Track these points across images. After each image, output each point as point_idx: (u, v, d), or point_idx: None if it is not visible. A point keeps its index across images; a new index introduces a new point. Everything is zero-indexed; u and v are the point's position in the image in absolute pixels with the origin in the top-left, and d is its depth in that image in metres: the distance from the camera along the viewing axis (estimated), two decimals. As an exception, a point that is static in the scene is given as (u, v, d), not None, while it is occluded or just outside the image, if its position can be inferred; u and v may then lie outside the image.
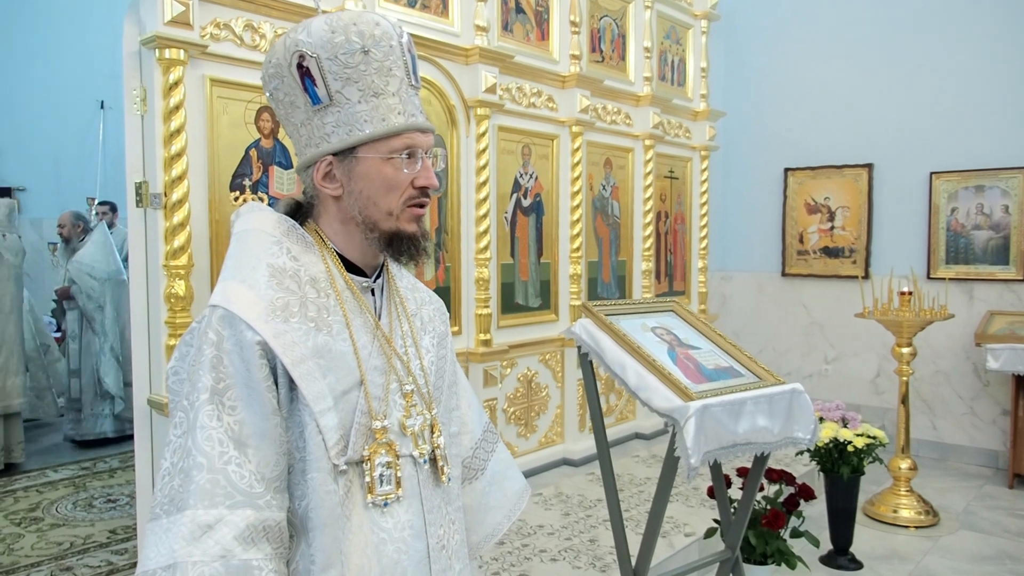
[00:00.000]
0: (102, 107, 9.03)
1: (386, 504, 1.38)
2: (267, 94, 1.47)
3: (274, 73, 1.43)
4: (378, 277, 1.51)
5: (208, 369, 1.29)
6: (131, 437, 6.13)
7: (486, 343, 4.66)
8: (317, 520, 1.31)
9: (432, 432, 1.48)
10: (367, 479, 1.36)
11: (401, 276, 1.59)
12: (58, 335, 7.32)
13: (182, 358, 1.36)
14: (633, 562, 2.91)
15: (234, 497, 1.25)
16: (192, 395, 1.29)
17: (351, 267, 1.47)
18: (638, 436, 6.06)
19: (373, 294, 1.49)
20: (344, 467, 1.34)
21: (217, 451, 1.26)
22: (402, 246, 1.42)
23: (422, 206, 1.43)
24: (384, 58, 1.37)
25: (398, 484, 1.39)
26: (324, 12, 1.43)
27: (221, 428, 1.27)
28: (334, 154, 1.40)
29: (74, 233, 6.66)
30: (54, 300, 6.78)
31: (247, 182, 3.45)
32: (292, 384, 1.32)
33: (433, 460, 1.48)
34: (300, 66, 1.38)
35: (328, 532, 1.32)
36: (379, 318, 1.47)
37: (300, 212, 1.50)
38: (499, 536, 1.74)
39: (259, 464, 1.28)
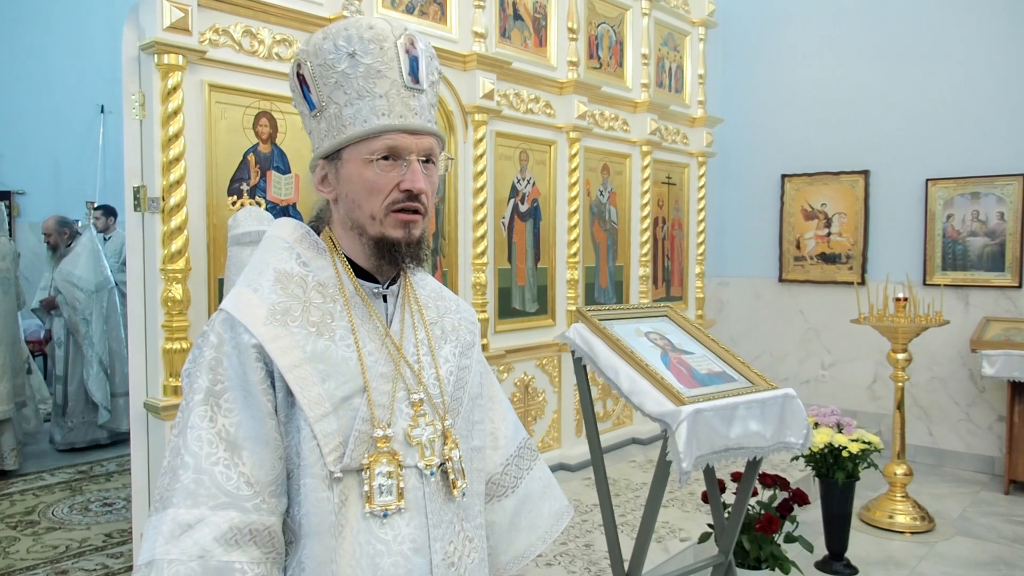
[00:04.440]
0: (102, 111, 9.07)
1: (385, 515, 1.33)
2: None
3: (290, 85, 1.46)
4: (392, 283, 1.47)
5: (206, 371, 1.31)
6: (122, 442, 6.19)
7: (483, 348, 4.67)
8: (309, 527, 1.30)
9: (445, 444, 1.42)
10: (366, 488, 1.32)
11: (424, 284, 1.56)
12: (41, 338, 7.30)
13: (192, 360, 1.37)
14: (626, 567, 2.92)
15: (218, 498, 1.25)
16: (188, 395, 1.31)
17: (364, 273, 1.44)
18: (635, 441, 6.06)
19: (386, 300, 1.46)
20: (340, 475, 1.30)
21: (205, 451, 1.26)
22: (387, 252, 1.39)
23: (410, 211, 1.37)
24: (373, 60, 1.35)
25: (400, 495, 1.34)
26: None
27: (213, 429, 1.28)
28: (325, 158, 1.41)
29: (60, 240, 6.53)
30: (33, 309, 6.70)
31: (245, 187, 3.47)
32: (290, 389, 1.31)
33: (444, 473, 1.41)
34: (298, 74, 1.42)
35: (320, 540, 1.30)
36: (390, 325, 1.44)
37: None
38: (531, 557, 1.66)
39: (253, 467, 1.28)
